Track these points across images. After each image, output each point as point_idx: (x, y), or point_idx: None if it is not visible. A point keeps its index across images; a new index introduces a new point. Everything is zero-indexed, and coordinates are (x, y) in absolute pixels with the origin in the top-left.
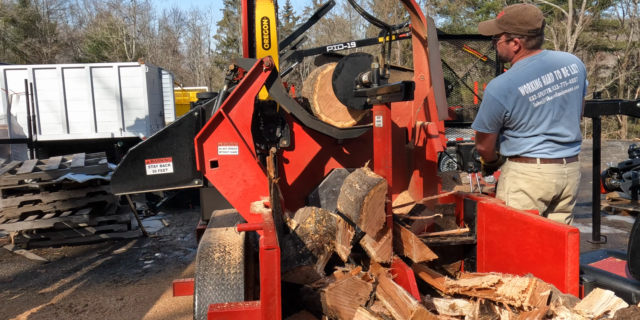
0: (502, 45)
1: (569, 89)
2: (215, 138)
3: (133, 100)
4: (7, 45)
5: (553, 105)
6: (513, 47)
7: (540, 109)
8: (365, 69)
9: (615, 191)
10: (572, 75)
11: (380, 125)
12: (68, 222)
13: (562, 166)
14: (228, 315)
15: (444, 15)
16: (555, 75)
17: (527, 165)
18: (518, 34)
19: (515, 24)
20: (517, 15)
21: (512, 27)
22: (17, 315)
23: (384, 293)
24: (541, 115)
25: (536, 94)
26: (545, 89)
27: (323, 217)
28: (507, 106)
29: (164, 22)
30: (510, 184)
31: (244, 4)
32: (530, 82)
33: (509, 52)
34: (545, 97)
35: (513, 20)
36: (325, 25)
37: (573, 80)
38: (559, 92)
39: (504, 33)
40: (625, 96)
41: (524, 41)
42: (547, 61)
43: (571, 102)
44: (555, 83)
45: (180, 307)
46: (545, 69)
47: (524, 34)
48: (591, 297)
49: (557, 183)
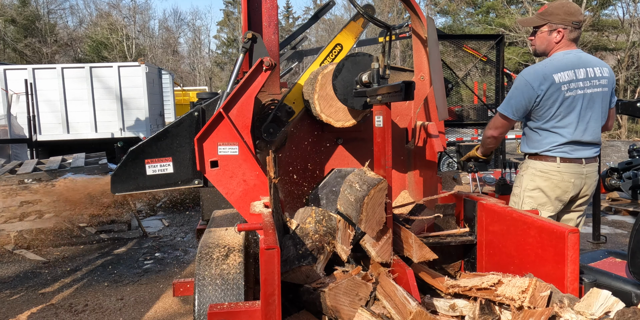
0: (542, 37)
1: (598, 89)
2: (215, 138)
3: (133, 100)
4: (7, 45)
5: (582, 100)
6: (555, 38)
7: (570, 99)
8: (365, 69)
9: (615, 191)
10: (603, 77)
11: (380, 125)
12: (68, 222)
13: (582, 166)
14: (228, 315)
15: (444, 15)
16: (588, 72)
17: (546, 164)
18: (563, 24)
19: (560, 15)
20: (562, 7)
21: (557, 17)
22: (17, 315)
23: (384, 293)
24: (569, 106)
25: (568, 84)
26: (577, 82)
27: (323, 217)
28: (539, 91)
29: (164, 22)
30: (527, 182)
31: (244, 4)
32: (565, 72)
33: (549, 43)
34: (576, 90)
35: (558, 10)
36: (325, 25)
37: (603, 82)
38: (589, 89)
39: (547, 24)
40: (625, 96)
41: (567, 32)
42: (582, 57)
43: (598, 102)
44: (587, 79)
45: (180, 307)
46: (580, 64)
47: (568, 24)
48: (589, 297)
49: (575, 183)
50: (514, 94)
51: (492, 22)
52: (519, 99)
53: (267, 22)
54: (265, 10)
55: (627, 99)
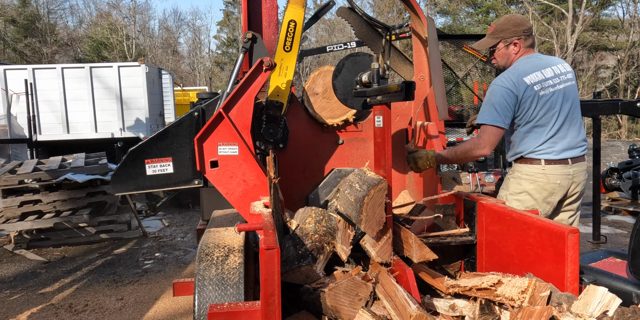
0: (501, 53)
1: (568, 83)
2: (215, 138)
3: (133, 100)
4: (7, 45)
5: (557, 96)
6: (514, 50)
7: (545, 98)
8: (365, 69)
9: (615, 191)
10: (567, 71)
11: (380, 125)
12: (68, 222)
13: (568, 167)
14: (228, 315)
15: (444, 15)
16: (553, 70)
17: (532, 167)
18: (515, 36)
19: (510, 28)
20: (509, 21)
21: (508, 32)
22: (17, 315)
23: (384, 292)
24: (546, 104)
25: (540, 84)
26: (547, 81)
27: (323, 217)
28: (517, 93)
29: (164, 22)
30: (514, 186)
31: (244, 4)
32: (533, 74)
33: (509, 56)
34: (548, 88)
35: (507, 25)
36: (325, 25)
37: (569, 76)
38: (560, 85)
39: (501, 40)
40: (625, 96)
41: (522, 41)
42: (543, 59)
43: (571, 96)
44: (555, 77)
45: (180, 307)
46: (544, 65)
47: (521, 34)
48: (587, 295)
49: (561, 184)
50: (495, 103)
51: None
52: (502, 106)
53: (267, 22)
54: (265, 10)
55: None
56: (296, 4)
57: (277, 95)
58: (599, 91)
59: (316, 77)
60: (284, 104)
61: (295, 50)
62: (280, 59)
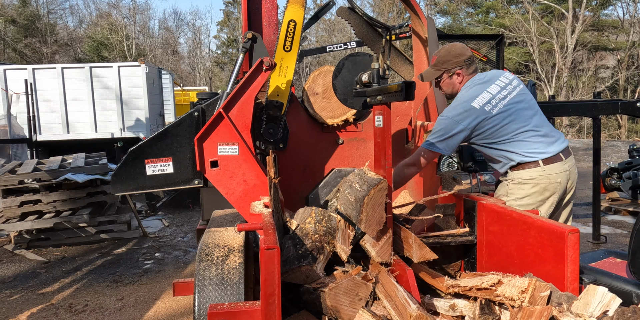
0: (446, 83)
1: (516, 90)
2: (215, 138)
3: (133, 100)
4: (7, 45)
5: (512, 107)
6: (457, 79)
7: (504, 112)
8: (365, 69)
9: (615, 191)
10: (510, 80)
11: (380, 125)
12: (68, 222)
13: (564, 163)
14: (228, 315)
15: (444, 15)
16: (497, 84)
17: (531, 171)
18: (457, 66)
19: (451, 60)
20: (449, 52)
21: (449, 63)
22: (17, 315)
23: (384, 292)
24: (508, 117)
25: (489, 103)
26: (496, 97)
27: (323, 217)
28: (466, 122)
29: (164, 22)
30: (516, 191)
31: (244, 4)
32: (480, 96)
33: (454, 85)
34: (499, 104)
35: (447, 57)
36: (325, 25)
37: (514, 83)
38: (510, 95)
39: (444, 71)
40: (625, 96)
41: (465, 70)
42: (485, 77)
43: (526, 99)
44: (502, 89)
45: (180, 307)
46: (488, 82)
47: (462, 64)
48: (587, 295)
49: (561, 182)
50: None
51: (492, 22)
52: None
53: (267, 22)
54: (265, 10)
55: (627, 99)
56: (296, 4)
57: (277, 95)
58: (599, 91)
59: (316, 77)
60: (284, 104)
61: (295, 50)
62: (280, 59)
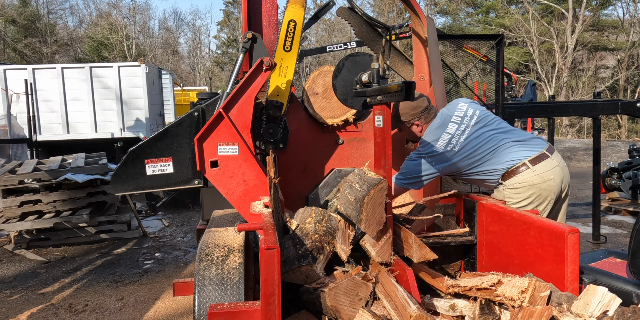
0: (407, 132)
1: (473, 119)
2: (215, 138)
3: (133, 100)
4: (7, 45)
5: (473, 137)
6: (417, 128)
7: (466, 146)
8: (365, 69)
9: (615, 191)
10: (465, 111)
11: (380, 125)
12: (68, 222)
13: (551, 159)
14: (228, 315)
15: (444, 15)
16: (454, 121)
17: (522, 175)
18: (415, 117)
19: (408, 112)
20: (405, 106)
21: (407, 116)
22: (17, 315)
23: (384, 292)
24: (473, 147)
25: (450, 143)
26: (455, 134)
27: (323, 217)
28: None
29: (164, 22)
30: (513, 196)
31: (244, 4)
32: (440, 140)
33: (416, 134)
34: (460, 139)
35: (405, 110)
36: (325, 25)
37: (469, 113)
38: (468, 127)
39: (404, 123)
40: (625, 96)
41: (423, 119)
42: (440, 116)
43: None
44: (459, 125)
45: (180, 307)
46: (444, 124)
47: (419, 115)
48: (587, 295)
49: (555, 179)
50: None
51: (492, 22)
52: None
53: (267, 22)
54: (265, 10)
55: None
56: (296, 4)
57: (277, 95)
58: (599, 91)
59: (316, 77)
60: (284, 104)
61: (295, 50)
62: (280, 59)
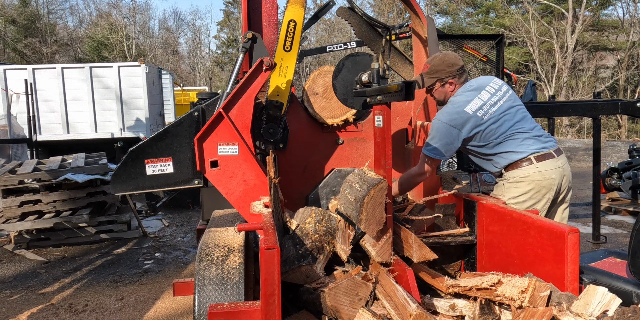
0: (439, 91)
1: (506, 96)
2: (215, 138)
3: (133, 100)
4: (7, 45)
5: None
6: (449, 88)
7: (492, 119)
8: (365, 69)
9: (615, 191)
10: (500, 86)
11: (380, 125)
12: (68, 222)
13: (556, 160)
14: (228, 315)
15: (444, 15)
16: (488, 90)
17: (525, 169)
18: (450, 75)
19: (445, 69)
20: (442, 62)
21: (442, 73)
22: (17, 315)
23: (384, 292)
24: (498, 121)
25: (481, 109)
26: (487, 103)
27: (323, 217)
28: (459, 126)
29: (164, 22)
30: (512, 190)
31: (244, 4)
32: (472, 102)
33: (446, 93)
34: (490, 109)
35: (441, 66)
36: (325, 25)
37: (504, 88)
38: (500, 101)
39: (438, 80)
40: (625, 96)
41: (457, 79)
42: (475, 84)
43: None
44: (492, 95)
45: (180, 307)
46: (478, 89)
47: (455, 74)
48: (587, 295)
49: (555, 178)
50: (437, 137)
51: (492, 22)
52: (444, 141)
53: (267, 22)
54: (265, 10)
55: (627, 99)
56: (296, 4)
57: (277, 95)
58: (599, 91)
59: (316, 77)
60: (284, 104)
61: (295, 50)
62: (280, 58)
